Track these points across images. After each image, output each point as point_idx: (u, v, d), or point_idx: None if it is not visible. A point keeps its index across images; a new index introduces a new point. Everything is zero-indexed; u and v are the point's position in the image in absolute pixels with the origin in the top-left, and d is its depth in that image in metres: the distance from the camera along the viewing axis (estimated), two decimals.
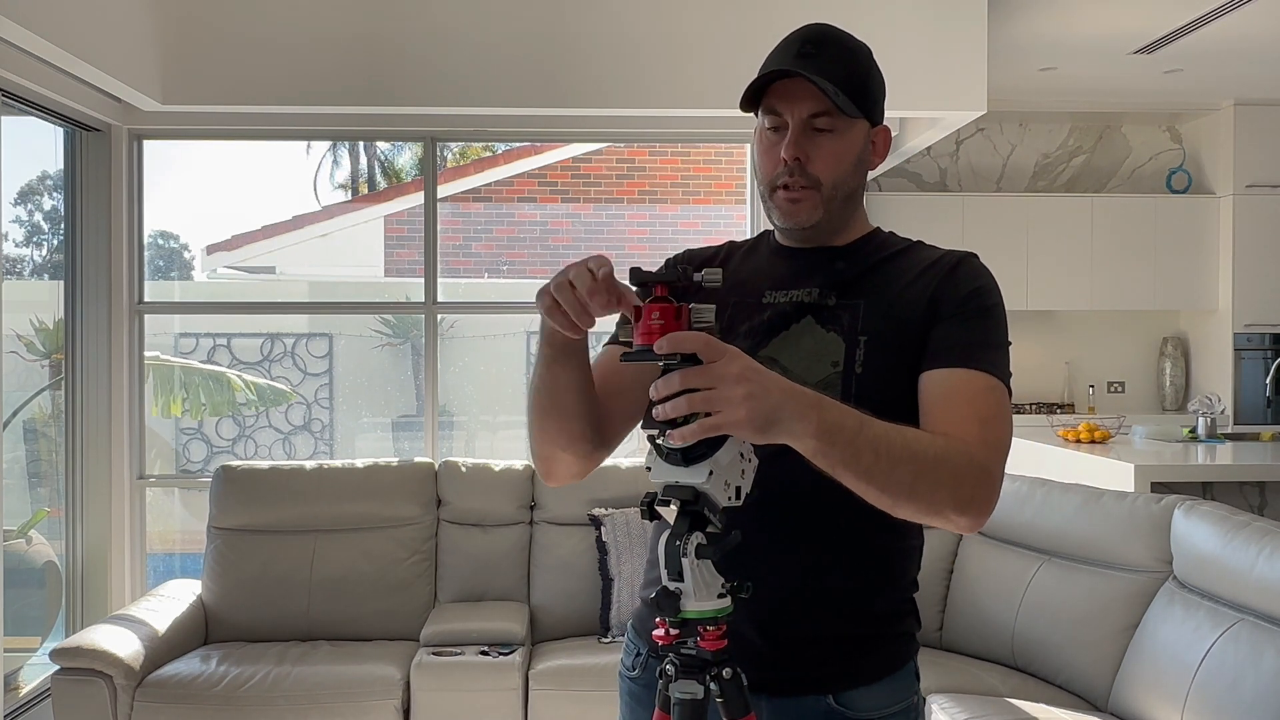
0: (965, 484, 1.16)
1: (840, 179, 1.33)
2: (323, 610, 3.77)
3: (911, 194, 6.41)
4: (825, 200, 1.33)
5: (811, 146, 1.31)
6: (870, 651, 1.32)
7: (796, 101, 1.30)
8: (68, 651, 3.25)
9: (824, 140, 1.31)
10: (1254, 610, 2.51)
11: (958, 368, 1.25)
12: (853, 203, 1.37)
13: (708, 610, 1.10)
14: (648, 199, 6.81)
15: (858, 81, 1.31)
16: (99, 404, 4.23)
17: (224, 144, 4.91)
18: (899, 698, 1.33)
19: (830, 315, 1.33)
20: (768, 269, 1.41)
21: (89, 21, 3.38)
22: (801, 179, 1.32)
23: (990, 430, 1.21)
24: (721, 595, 1.10)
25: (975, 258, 1.36)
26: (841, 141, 1.31)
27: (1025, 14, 4.66)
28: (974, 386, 1.24)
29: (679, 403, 1.02)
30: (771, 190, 1.34)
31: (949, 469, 1.15)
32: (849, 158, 1.33)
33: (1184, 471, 4.14)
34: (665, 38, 4.00)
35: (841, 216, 1.37)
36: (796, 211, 1.33)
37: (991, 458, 1.20)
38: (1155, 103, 6.41)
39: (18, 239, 4.31)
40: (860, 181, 1.37)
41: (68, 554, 4.19)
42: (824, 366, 1.30)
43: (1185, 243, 6.38)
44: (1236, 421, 6.11)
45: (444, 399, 5.12)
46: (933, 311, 1.29)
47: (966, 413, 1.22)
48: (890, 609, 1.34)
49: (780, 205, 1.34)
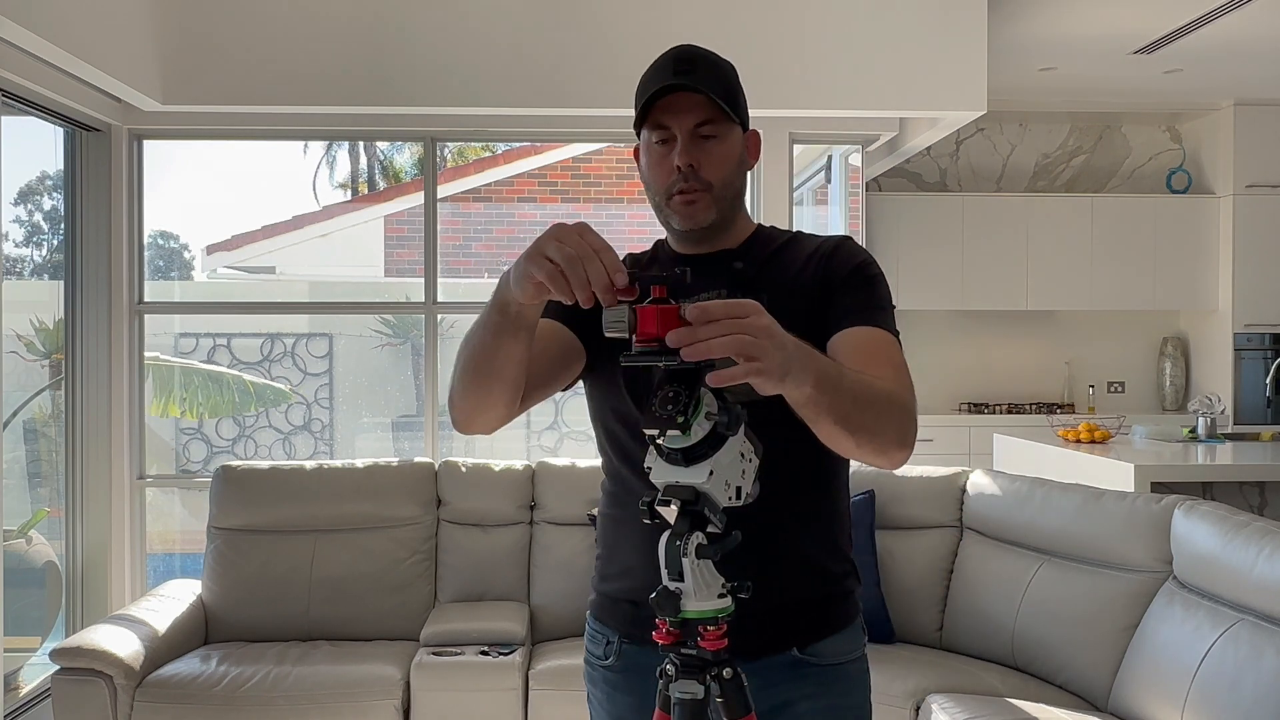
0: (904, 421, 1.32)
1: (728, 179, 1.47)
2: (323, 610, 3.77)
3: (911, 194, 6.41)
4: (716, 200, 1.46)
5: (700, 153, 1.44)
6: (827, 609, 1.49)
7: (682, 114, 1.43)
8: (68, 651, 3.25)
9: (710, 146, 1.44)
10: (1254, 610, 2.51)
11: (863, 326, 1.41)
12: (739, 201, 1.52)
13: (708, 610, 1.11)
14: (647, 199, 6.80)
15: (731, 92, 1.46)
16: (99, 404, 4.23)
17: (224, 144, 4.91)
18: (853, 647, 1.51)
19: None
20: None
21: (89, 21, 3.38)
22: (695, 183, 1.44)
23: (902, 376, 1.38)
24: (721, 595, 1.11)
25: (851, 239, 1.53)
26: (725, 146, 1.46)
27: (1025, 14, 4.66)
28: (880, 340, 1.40)
29: (725, 342, 1.05)
30: (667, 197, 1.47)
31: (896, 408, 1.30)
32: (733, 160, 1.47)
33: (1184, 471, 4.14)
34: (665, 38, 3.99)
35: (731, 215, 1.50)
36: (694, 213, 1.46)
37: (910, 399, 1.36)
38: (1155, 103, 6.41)
39: (18, 239, 4.31)
40: (743, 182, 1.51)
41: (68, 554, 4.19)
42: None
43: (1185, 243, 6.38)
44: (1236, 421, 6.11)
45: (444, 399, 5.12)
46: (826, 289, 1.45)
47: (883, 361, 1.37)
48: (840, 569, 1.51)
49: (678, 209, 1.47)
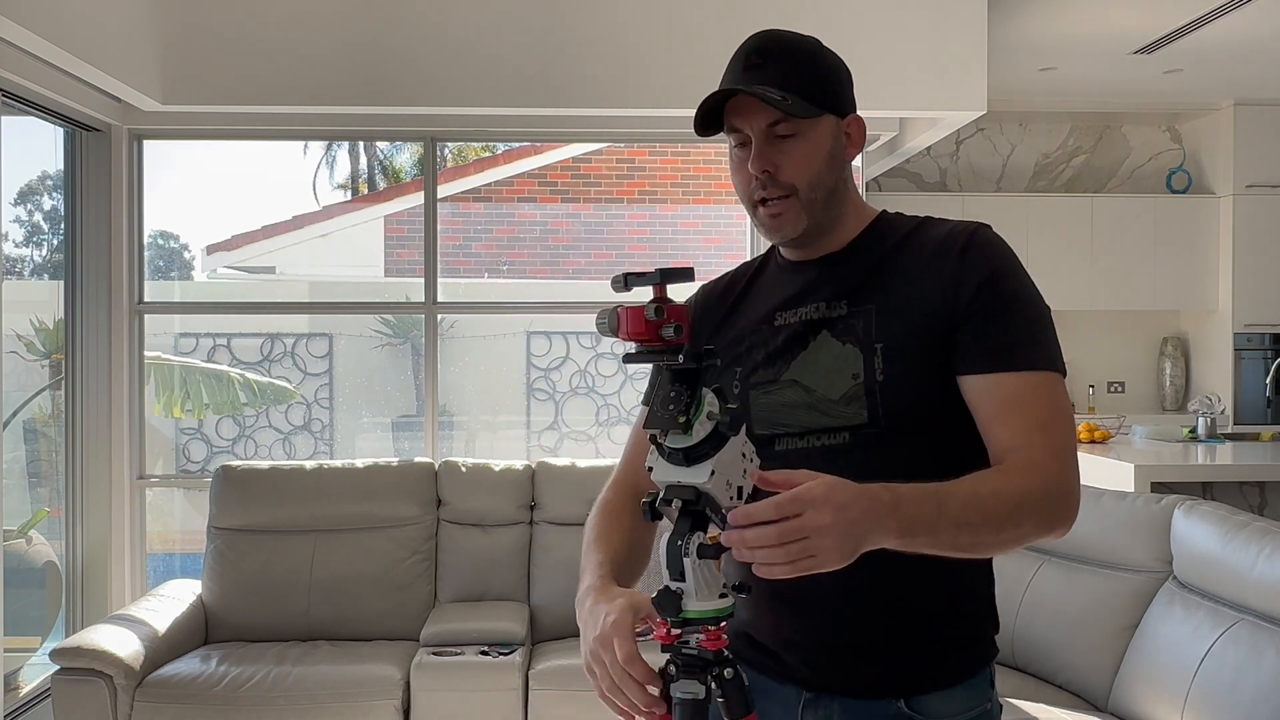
0: (1047, 513, 1.17)
1: (815, 180, 1.30)
2: (323, 610, 3.77)
3: (911, 194, 6.41)
4: (805, 205, 1.30)
5: (777, 155, 1.29)
6: (944, 655, 1.29)
7: (752, 114, 1.29)
8: (68, 651, 3.25)
9: (789, 146, 1.29)
10: (1254, 610, 2.51)
11: (1000, 373, 1.22)
12: (837, 199, 1.33)
13: (709, 610, 1.10)
14: (648, 199, 6.81)
15: (811, 79, 1.29)
16: (99, 404, 4.23)
17: (224, 144, 4.91)
18: (972, 704, 1.30)
19: (844, 326, 1.30)
20: (775, 289, 1.39)
21: (89, 21, 3.38)
22: (776, 189, 1.30)
23: (1054, 434, 1.20)
24: (723, 595, 1.10)
25: (981, 234, 1.30)
26: (807, 143, 1.29)
27: (1025, 14, 4.66)
28: (1023, 391, 1.21)
29: (775, 553, 1.02)
30: (754, 207, 1.33)
31: (1030, 509, 1.16)
32: (819, 157, 1.30)
33: (1184, 471, 4.14)
34: (665, 38, 4.00)
35: (829, 216, 1.33)
36: (780, 224, 1.32)
37: (1064, 468, 1.19)
38: (1155, 103, 6.41)
39: (18, 239, 4.31)
40: (838, 176, 1.33)
41: (68, 554, 4.19)
42: (845, 381, 1.27)
43: (1185, 243, 6.38)
44: (1236, 421, 6.11)
45: (444, 399, 5.12)
46: (950, 306, 1.25)
47: (1025, 423, 1.20)
48: (963, 611, 1.32)
49: (764, 221, 1.33)
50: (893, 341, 1.26)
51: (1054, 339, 1.26)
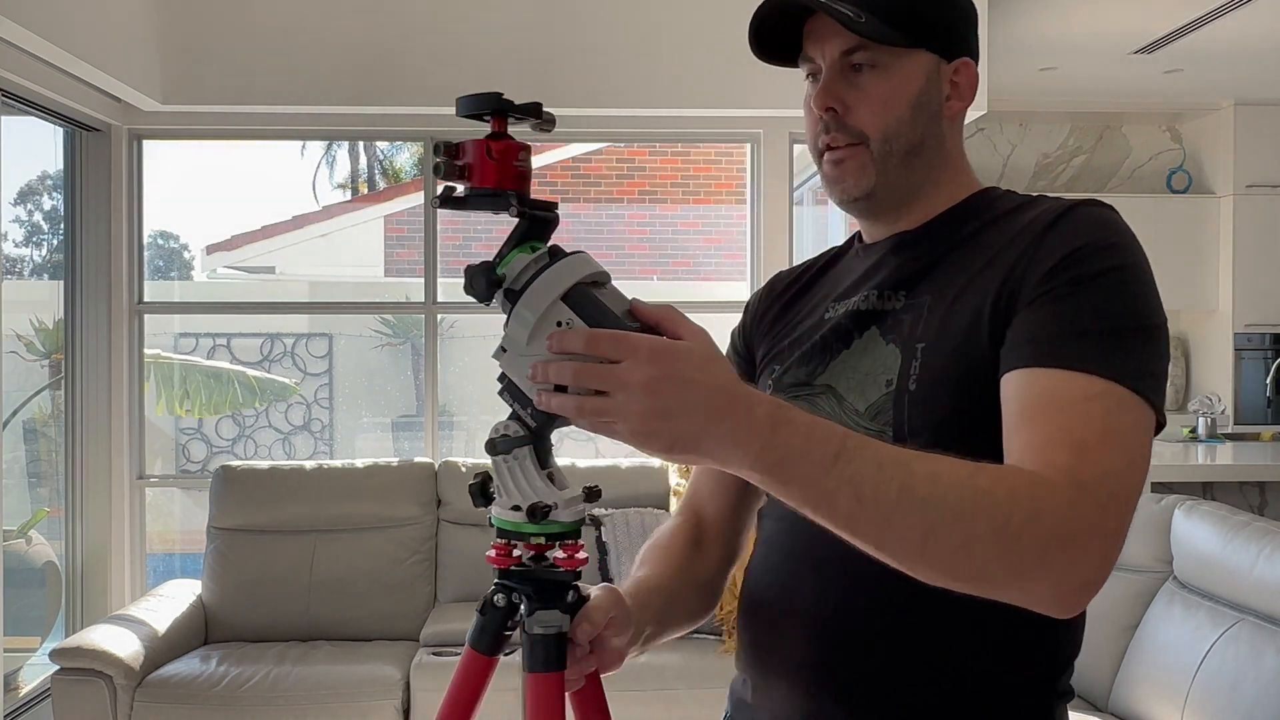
0: (1025, 543, 0.80)
1: (892, 129, 1.02)
2: (323, 610, 3.77)
3: None
4: (877, 159, 1.02)
5: (849, 90, 1.02)
6: None
7: (825, 38, 1.02)
8: (68, 651, 3.25)
9: (865, 81, 1.01)
10: (1254, 610, 2.51)
11: (1041, 367, 0.88)
12: (923, 161, 1.04)
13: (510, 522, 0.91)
14: (648, 199, 6.81)
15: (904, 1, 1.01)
16: (99, 404, 4.22)
17: (224, 144, 4.91)
18: None
19: (894, 321, 1.03)
20: (843, 274, 1.14)
21: (89, 21, 3.38)
22: (843, 134, 1.02)
23: (1090, 460, 0.83)
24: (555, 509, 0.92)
25: (1082, 210, 0.97)
26: (888, 81, 1.01)
27: (1025, 14, 4.65)
28: (1066, 394, 0.86)
29: (564, 403, 0.81)
30: (818, 157, 1.06)
31: (989, 519, 0.80)
32: (901, 100, 1.01)
33: (1184, 471, 4.13)
34: (665, 37, 4.00)
35: (908, 179, 1.04)
36: (841, 175, 1.04)
37: (1086, 502, 0.81)
38: (1155, 103, 6.41)
39: (18, 239, 4.32)
40: (927, 132, 1.04)
41: (68, 554, 4.19)
42: (877, 388, 1.01)
43: (1185, 243, 6.38)
44: (1236, 421, 6.11)
45: (444, 399, 5.12)
46: (1013, 295, 0.93)
47: (1051, 434, 0.85)
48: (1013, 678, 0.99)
49: (826, 173, 1.05)
50: (936, 341, 0.98)
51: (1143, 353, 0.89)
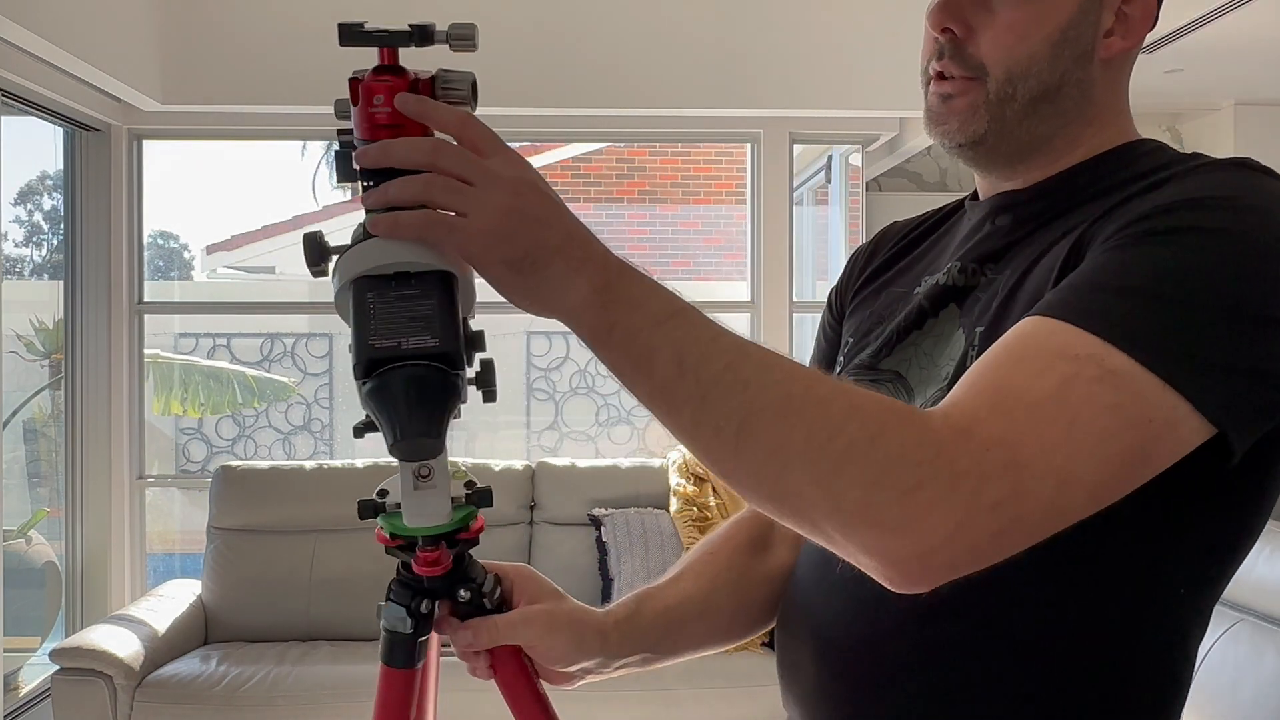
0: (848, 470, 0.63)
1: (1020, 67, 0.80)
2: (323, 610, 3.77)
3: (912, 194, 6.42)
4: (994, 100, 0.81)
5: (976, 11, 0.81)
6: None
7: None
8: (68, 651, 3.25)
9: (998, 2, 0.81)
10: (1254, 610, 2.51)
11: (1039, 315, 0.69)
12: (1054, 109, 0.82)
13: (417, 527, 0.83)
14: (648, 199, 6.82)
15: None
16: (99, 404, 4.22)
17: (224, 144, 4.91)
18: None
19: (972, 300, 0.85)
20: (944, 242, 0.95)
21: (89, 21, 3.38)
22: (956, 63, 0.82)
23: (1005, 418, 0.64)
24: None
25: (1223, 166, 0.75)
26: (1028, 4, 0.80)
27: None
28: (1037, 345, 0.67)
29: (414, 181, 0.71)
30: (925, 84, 0.87)
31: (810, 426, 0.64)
32: (1039, 32, 0.80)
33: None
34: (665, 37, 4.00)
35: (1032, 129, 0.82)
36: (946, 115, 0.83)
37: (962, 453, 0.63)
38: (1155, 103, 6.41)
39: (18, 239, 4.32)
40: (1068, 75, 0.81)
41: (67, 554, 4.19)
42: (937, 380, 0.84)
43: None
44: None
45: None
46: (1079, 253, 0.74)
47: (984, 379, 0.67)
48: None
49: (930, 108, 0.86)
50: (992, 327, 0.80)
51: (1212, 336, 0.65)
